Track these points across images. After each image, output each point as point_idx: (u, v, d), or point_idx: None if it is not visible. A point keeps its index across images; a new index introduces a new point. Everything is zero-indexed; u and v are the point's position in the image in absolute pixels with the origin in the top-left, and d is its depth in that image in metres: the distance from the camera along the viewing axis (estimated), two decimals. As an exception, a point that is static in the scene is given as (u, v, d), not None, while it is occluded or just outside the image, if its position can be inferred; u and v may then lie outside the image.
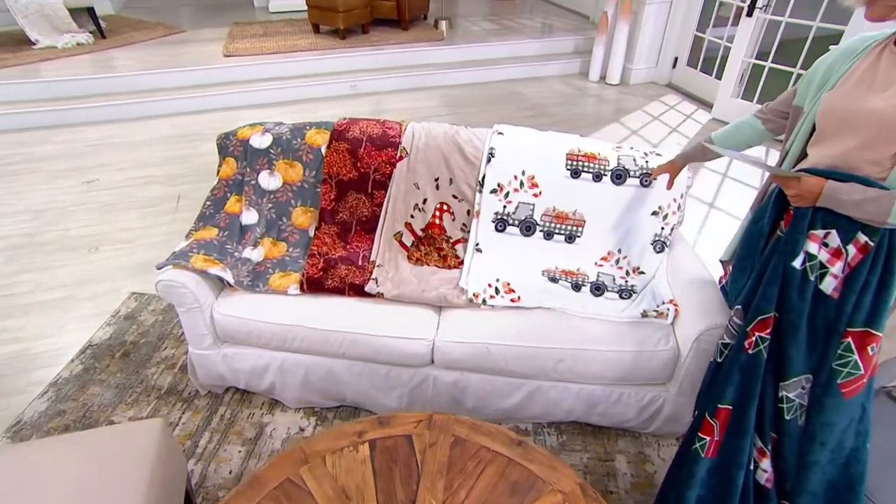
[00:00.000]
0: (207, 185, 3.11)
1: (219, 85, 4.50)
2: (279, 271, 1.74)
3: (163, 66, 4.51)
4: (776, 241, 1.15)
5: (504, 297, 1.67)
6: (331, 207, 1.88)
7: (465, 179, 1.84)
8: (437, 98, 4.73)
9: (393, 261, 1.81)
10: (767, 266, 1.14)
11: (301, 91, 4.59)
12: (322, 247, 1.84)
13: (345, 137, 1.86)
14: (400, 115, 4.29)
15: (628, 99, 4.87)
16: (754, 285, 1.17)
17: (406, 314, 1.62)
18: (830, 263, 1.06)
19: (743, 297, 1.19)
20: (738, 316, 1.20)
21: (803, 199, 1.07)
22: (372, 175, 1.85)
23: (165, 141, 3.87)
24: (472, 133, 1.88)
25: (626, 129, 4.19)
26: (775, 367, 1.13)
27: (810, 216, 1.08)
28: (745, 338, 1.15)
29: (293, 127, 1.91)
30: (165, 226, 2.83)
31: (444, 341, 1.56)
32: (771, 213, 1.18)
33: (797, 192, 1.07)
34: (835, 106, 1.06)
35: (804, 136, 1.17)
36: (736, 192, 3.28)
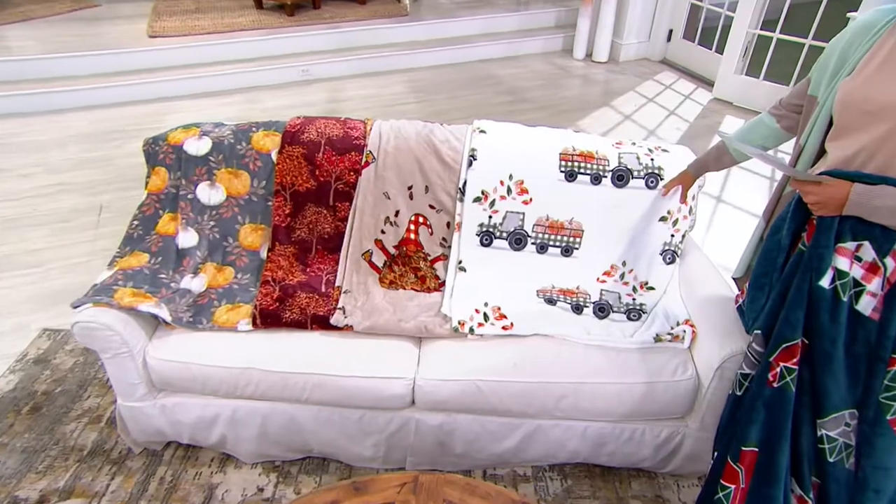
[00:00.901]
0: (136, 194, 2.97)
1: (144, 71, 4.34)
2: (226, 303, 1.70)
3: (73, 48, 4.32)
4: (798, 257, 1.13)
5: (494, 325, 1.64)
6: (286, 224, 1.83)
7: (444, 187, 1.82)
8: (403, 83, 4.68)
9: (362, 285, 1.78)
10: (789, 285, 1.13)
11: (243, 78, 4.49)
12: (277, 272, 1.80)
13: (299, 140, 1.81)
14: (360, 104, 4.25)
15: (618, 79, 4.91)
16: (775, 308, 1.15)
17: (380, 349, 1.59)
18: (866, 280, 1.05)
19: (763, 321, 1.18)
20: (759, 343, 1.18)
21: (826, 207, 1.05)
22: (333, 184, 1.82)
23: (81, 139, 3.69)
24: (449, 132, 1.87)
25: (618, 114, 4.22)
26: (810, 401, 1.11)
27: (837, 226, 1.06)
28: (768, 369, 1.13)
29: (236, 129, 1.87)
30: (84, 244, 2.69)
31: (426, 379, 1.54)
32: (790, 224, 1.16)
33: (819, 198, 1.05)
34: (855, 96, 1.04)
35: (820, 131, 1.15)
36: (746, 184, 3.34)
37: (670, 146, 1.90)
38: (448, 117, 4.02)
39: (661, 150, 1.85)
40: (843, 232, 1.06)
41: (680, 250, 1.84)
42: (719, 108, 4.32)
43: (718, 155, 1.48)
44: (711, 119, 4.14)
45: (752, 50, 4.25)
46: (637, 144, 1.88)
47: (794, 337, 1.10)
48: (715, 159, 1.51)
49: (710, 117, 4.16)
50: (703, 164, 1.56)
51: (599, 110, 4.26)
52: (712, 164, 1.53)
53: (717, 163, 1.51)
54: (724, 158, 1.48)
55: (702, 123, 4.06)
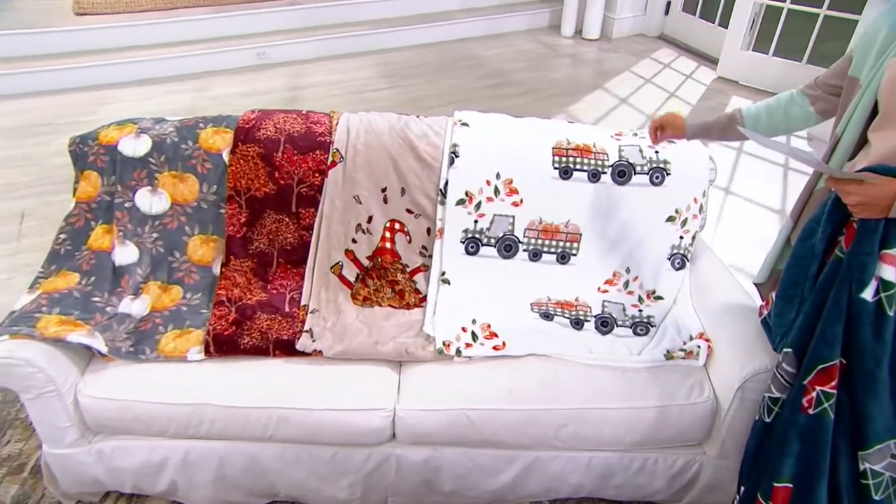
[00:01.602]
0: (65, 199, 2.85)
1: (71, 55, 4.21)
2: (174, 328, 1.67)
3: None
4: (835, 265, 1.12)
5: (484, 345, 1.63)
6: (241, 234, 1.81)
7: (422, 188, 1.81)
8: (372, 66, 4.66)
9: (332, 303, 1.77)
10: (824, 297, 1.11)
11: (189, 62, 4.41)
12: (233, 290, 1.77)
13: (254, 138, 1.79)
14: (325, 91, 4.22)
15: (612, 58, 4.94)
16: (808, 322, 1.14)
17: (354, 376, 1.58)
18: None
19: (794, 338, 1.16)
20: (790, 362, 1.17)
21: (869, 209, 1.04)
22: (296, 188, 1.80)
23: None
24: (427, 125, 1.86)
25: (613, 97, 4.25)
26: (851, 429, 1.10)
27: (882, 230, 1.05)
28: (802, 393, 1.12)
29: (180, 125, 1.84)
30: (2, 259, 2.60)
31: (408, 410, 1.53)
32: (825, 227, 1.14)
33: (861, 199, 1.04)
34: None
35: (862, 118, 1.14)
36: (757, 174, 3.37)
37: None
38: (424, 104, 4.01)
39: (667, 141, 1.83)
40: (889, 236, 1.04)
41: (690, 254, 1.84)
42: (724, 87, 4.37)
43: (728, 125, 1.42)
44: (716, 101, 4.18)
45: (760, 22, 4.30)
46: (639, 135, 1.87)
47: (832, 357, 1.08)
48: (722, 128, 1.45)
49: (715, 99, 4.20)
50: (706, 128, 1.49)
51: (592, 93, 4.28)
52: (716, 132, 1.46)
53: (722, 132, 1.45)
54: (732, 130, 1.43)
55: (705, 106, 4.10)
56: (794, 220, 1.36)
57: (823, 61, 3.88)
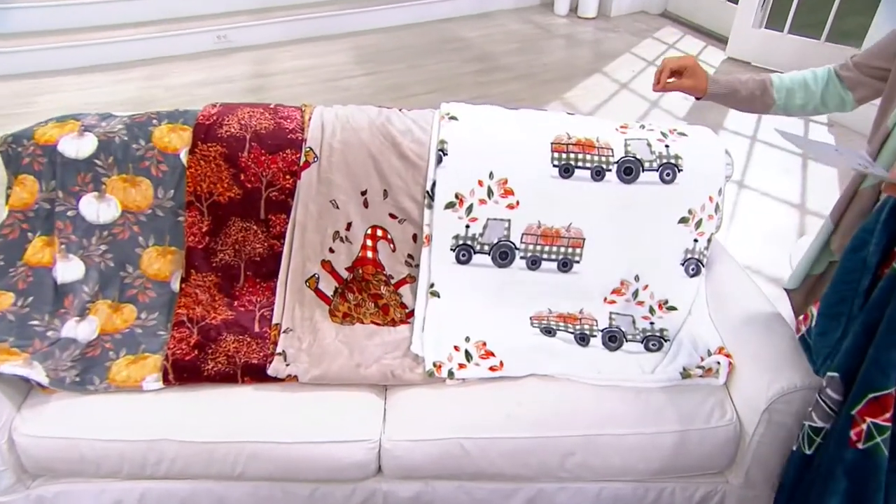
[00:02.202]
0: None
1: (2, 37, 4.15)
2: (127, 354, 1.65)
3: None
4: (891, 280, 1.09)
5: (479, 366, 1.62)
6: (203, 245, 1.80)
7: (407, 190, 1.80)
8: (346, 51, 4.66)
9: (307, 321, 1.76)
10: (879, 317, 1.08)
11: (140, 47, 4.38)
12: (194, 308, 1.76)
13: (216, 136, 1.78)
14: (294, 79, 4.20)
15: (611, 38, 4.97)
16: (859, 344, 1.11)
17: (334, 404, 1.57)
18: None
19: (841, 361, 1.14)
20: (835, 388, 1.15)
21: None
22: (264, 192, 1.79)
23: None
24: (411, 119, 1.85)
25: (613, 82, 4.27)
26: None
27: None
28: (849, 424, 1.10)
29: (131, 122, 1.82)
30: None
31: (395, 440, 1.52)
32: (880, 237, 1.11)
33: None
34: None
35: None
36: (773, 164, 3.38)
37: (689, 128, 1.89)
38: (405, 93, 4.01)
39: (678, 134, 1.84)
40: None
41: (705, 258, 1.84)
42: (735, 69, 4.41)
43: (757, 93, 1.36)
44: (725, 86, 4.20)
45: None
46: (647, 128, 1.87)
47: (887, 385, 1.06)
48: (750, 96, 1.37)
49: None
50: (732, 91, 1.41)
51: (590, 78, 4.30)
52: (741, 99, 1.39)
53: (749, 101, 1.39)
54: (760, 101, 1.37)
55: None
56: (835, 222, 1.34)
57: (845, 39, 3.89)
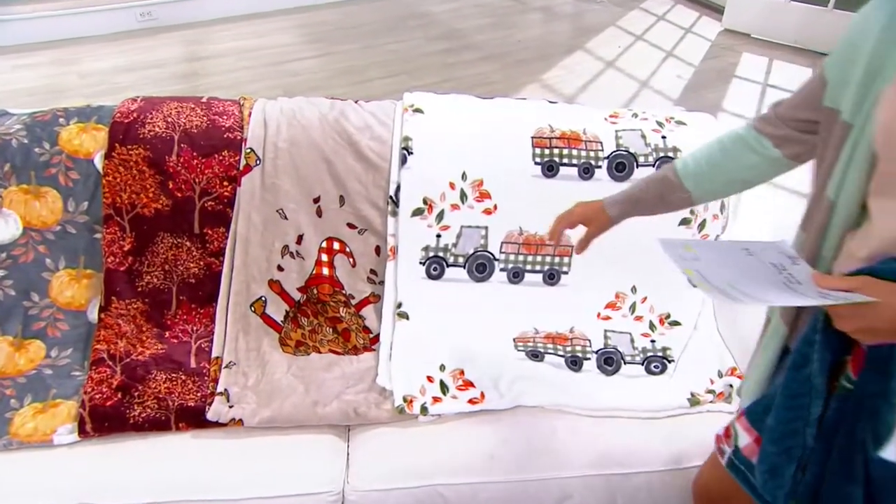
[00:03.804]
0: None
1: None
2: (33, 401, 1.62)
3: None
4: (842, 402, 1.02)
5: (458, 398, 1.61)
6: (126, 267, 1.78)
7: (367, 195, 1.80)
8: (293, 29, 4.64)
9: (254, 353, 1.74)
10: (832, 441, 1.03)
11: (47, 25, 4.30)
12: (116, 342, 1.73)
13: (137, 136, 1.76)
14: (232, 63, 4.16)
15: (593, 10, 5.01)
16: (819, 473, 1.05)
17: (288, 450, 1.55)
18: None
19: (807, 491, 1.07)
20: None
21: (877, 334, 0.90)
22: (198, 202, 1.77)
23: None
24: (370, 113, 1.85)
25: (597, 61, 4.29)
26: None
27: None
28: None
29: (32, 121, 1.78)
30: None
31: (361, 490, 1.50)
32: (822, 355, 1.00)
33: (861, 324, 0.89)
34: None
35: (862, 175, 0.97)
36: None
37: (687, 115, 1.90)
38: (362, 77, 4.00)
39: (676, 123, 1.85)
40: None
41: (710, 265, 1.83)
42: (733, 43, 4.47)
43: (665, 190, 1.27)
44: (724, 60, 4.27)
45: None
46: (641, 116, 1.88)
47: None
48: (658, 196, 1.29)
49: (723, 57, 4.29)
50: (634, 201, 1.33)
51: (570, 56, 4.32)
52: (652, 203, 1.31)
53: (661, 202, 1.29)
54: (673, 198, 1.26)
55: (712, 67, 4.18)
56: (789, 325, 1.19)
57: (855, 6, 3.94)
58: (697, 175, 1.23)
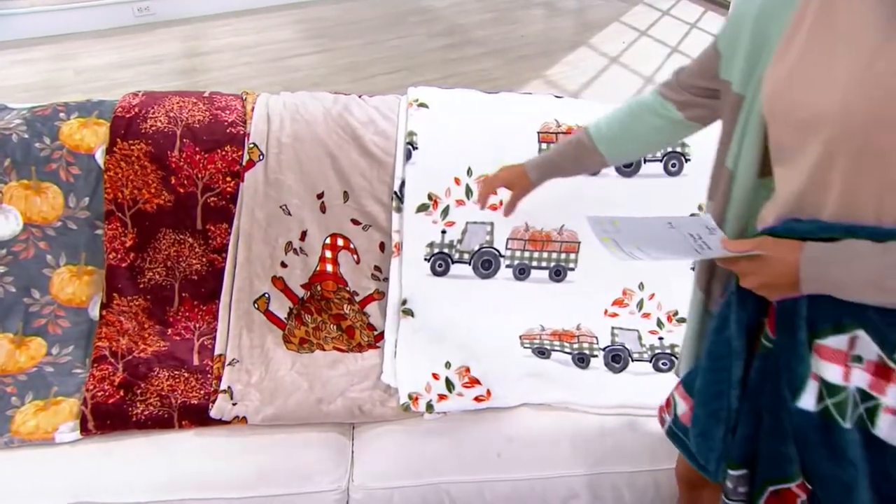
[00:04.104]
0: None
1: None
2: (34, 399, 1.62)
3: None
4: (764, 360, 1.07)
5: (464, 396, 1.62)
6: (128, 263, 1.79)
7: (371, 191, 1.81)
8: (293, 24, 4.65)
9: (257, 350, 1.75)
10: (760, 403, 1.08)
11: (44, 20, 4.32)
12: (118, 339, 1.73)
13: (139, 131, 1.77)
14: (231, 59, 4.17)
15: (597, 5, 5.03)
16: (752, 433, 1.10)
17: (292, 448, 1.56)
18: (877, 389, 0.97)
19: (740, 451, 1.13)
20: (743, 483, 1.14)
21: (777, 289, 0.97)
22: (201, 198, 1.79)
23: None
24: (374, 108, 1.86)
25: (601, 56, 4.30)
26: None
27: (805, 311, 0.98)
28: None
29: (32, 115, 1.79)
30: None
31: (366, 488, 1.51)
32: (738, 316, 1.08)
33: (761, 279, 0.98)
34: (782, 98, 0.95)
35: (757, 145, 1.05)
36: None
37: None
38: (364, 73, 4.02)
39: None
40: (817, 320, 0.98)
41: (719, 261, 1.84)
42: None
43: (580, 153, 1.36)
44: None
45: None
46: None
47: (784, 477, 1.05)
48: (574, 159, 1.40)
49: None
50: (553, 164, 1.44)
51: (574, 52, 4.34)
52: (570, 166, 1.42)
53: (578, 164, 1.41)
54: (589, 160, 1.37)
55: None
56: (704, 290, 1.28)
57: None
58: (609, 139, 1.34)
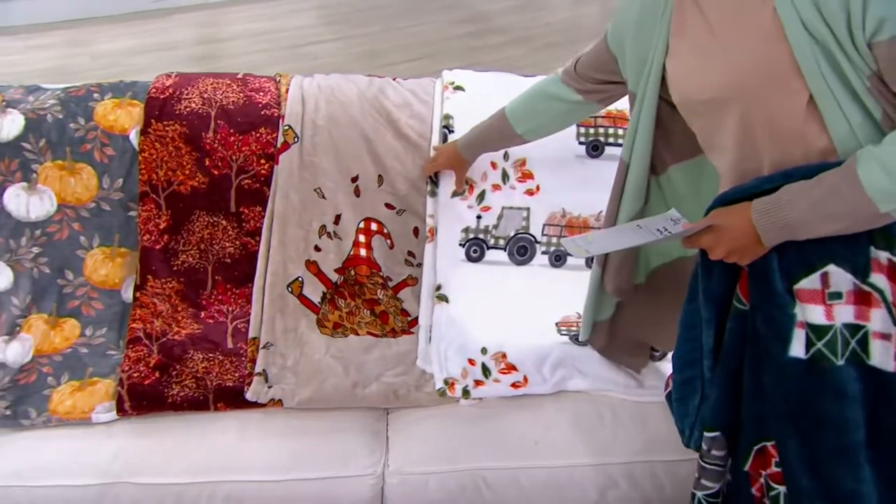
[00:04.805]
0: None
1: None
2: (70, 379, 1.65)
3: None
4: (739, 321, 1.14)
5: (500, 382, 1.63)
6: (162, 245, 1.81)
7: (406, 175, 1.82)
8: (310, 10, 4.66)
9: (291, 334, 1.76)
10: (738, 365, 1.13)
11: (58, 5, 4.35)
12: (152, 321, 1.75)
13: (174, 112, 1.80)
14: (248, 45, 4.19)
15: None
16: (728, 397, 1.16)
17: (327, 432, 1.58)
18: (862, 318, 1.02)
19: (717, 418, 1.18)
20: (720, 446, 1.20)
21: (744, 252, 1.06)
22: (235, 180, 1.80)
23: None
24: (409, 91, 1.89)
25: None
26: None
27: (777, 264, 1.05)
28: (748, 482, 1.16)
29: (66, 95, 1.82)
30: None
31: (401, 473, 1.53)
32: (705, 285, 1.16)
33: (726, 247, 1.06)
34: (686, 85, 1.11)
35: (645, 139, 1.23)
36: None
37: None
38: (384, 61, 4.01)
39: None
40: (790, 267, 1.05)
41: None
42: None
43: (502, 132, 1.56)
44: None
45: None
46: None
47: (767, 436, 1.12)
48: (498, 138, 1.58)
49: None
50: (482, 141, 1.62)
51: (602, 40, 4.33)
52: (496, 144, 1.60)
53: (503, 141, 1.61)
54: (508, 137, 1.56)
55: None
56: (601, 264, 1.45)
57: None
58: (523, 119, 1.53)
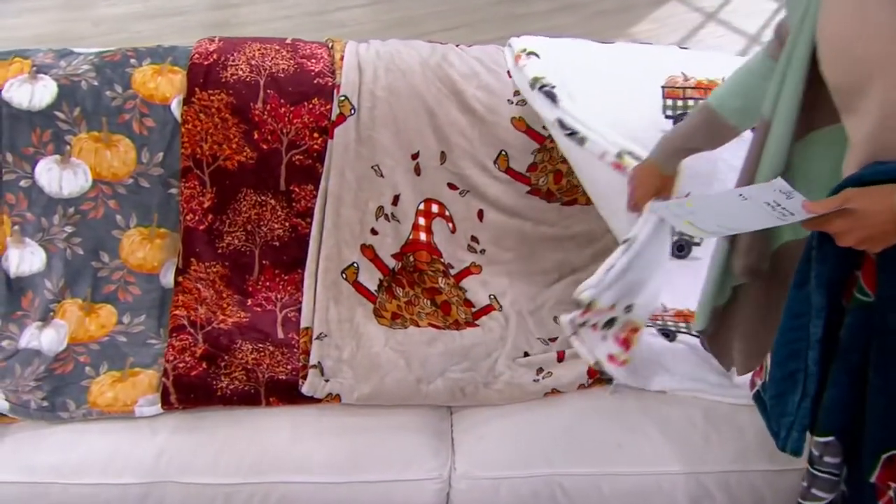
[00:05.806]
0: None
1: None
2: (110, 369, 1.66)
3: None
4: (860, 315, 1.12)
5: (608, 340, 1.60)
6: (206, 226, 1.82)
7: (472, 152, 1.83)
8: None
9: (347, 324, 1.77)
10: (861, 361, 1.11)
11: None
12: (196, 308, 1.76)
13: (219, 80, 1.80)
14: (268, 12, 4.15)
15: None
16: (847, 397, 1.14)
17: (387, 429, 1.59)
18: None
19: (833, 421, 1.17)
20: (834, 452, 1.19)
21: (881, 239, 1.02)
22: (285, 155, 1.81)
23: None
24: (476, 59, 1.88)
25: (694, 12, 4.24)
26: None
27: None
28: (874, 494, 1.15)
29: (101, 61, 1.82)
30: None
31: (469, 477, 1.53)
32: (819, 269, 1.13)
33: (861, 234, 1.02)
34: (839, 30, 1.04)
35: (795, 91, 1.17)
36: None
37: None
38: (419, 30, 4.00)
39: None
40: None
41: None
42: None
43: (711, 132, 1.47)
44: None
45: None
46: None
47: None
48: (707, 140, 1.50)
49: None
50: (686, 151, 1.53)
51: (661, 8, 4.28)
52: (702, 147, 1.51)
53: (710, 143, 1.50)
54: (721, 135, 1.47)
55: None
56: (729, 239, 1.38)
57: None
58: (738, 109, 1.42)
